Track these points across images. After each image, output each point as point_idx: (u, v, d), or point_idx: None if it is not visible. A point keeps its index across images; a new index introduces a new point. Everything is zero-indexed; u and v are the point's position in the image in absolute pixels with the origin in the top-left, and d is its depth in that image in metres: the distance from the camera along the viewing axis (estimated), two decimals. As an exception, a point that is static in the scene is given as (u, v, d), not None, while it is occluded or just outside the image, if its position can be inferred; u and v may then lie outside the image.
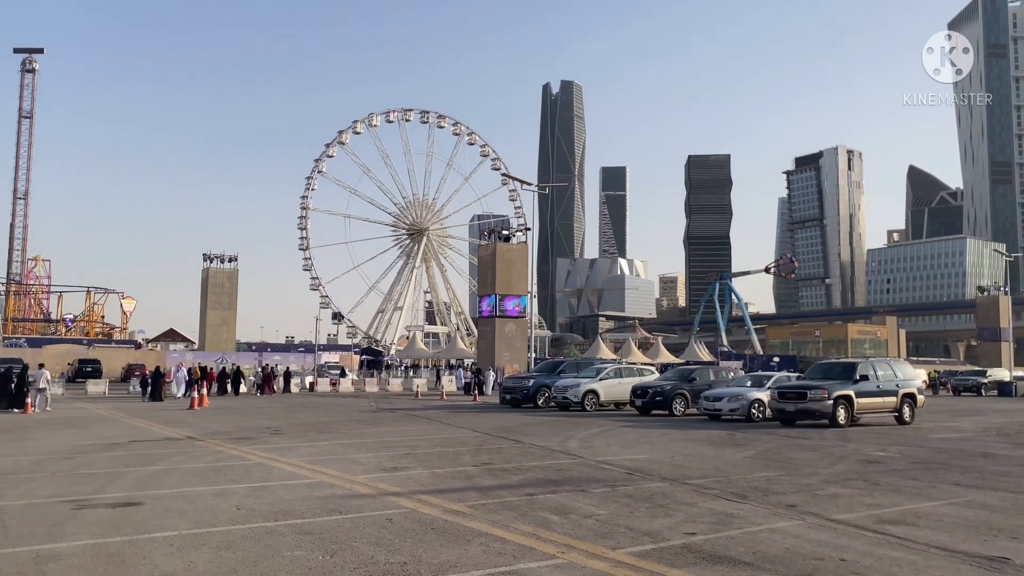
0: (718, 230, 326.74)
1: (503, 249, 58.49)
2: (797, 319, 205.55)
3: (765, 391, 25.08)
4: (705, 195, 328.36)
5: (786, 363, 77.45)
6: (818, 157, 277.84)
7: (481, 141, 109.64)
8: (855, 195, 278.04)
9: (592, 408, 29.91)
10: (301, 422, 24.36)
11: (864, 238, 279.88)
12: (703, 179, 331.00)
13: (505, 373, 48.95)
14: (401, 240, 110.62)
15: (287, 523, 8.71)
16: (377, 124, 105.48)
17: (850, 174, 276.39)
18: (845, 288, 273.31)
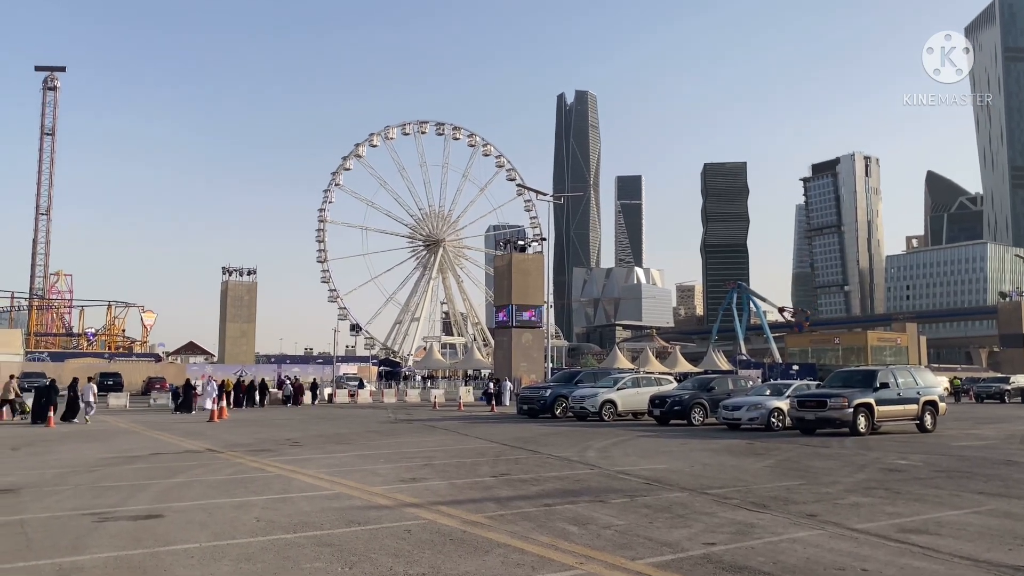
0: (735, 238, 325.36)
1: (519, 259, 58.57)
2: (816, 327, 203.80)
3: (785, 400, 24.89)
4: (722, 203, 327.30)
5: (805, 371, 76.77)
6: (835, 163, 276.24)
7: (496, 152, 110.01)
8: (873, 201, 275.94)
9: (610, 418, 29.80)
10: (320, 434, 24.43)
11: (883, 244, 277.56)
12: (719, 187, 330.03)
13: (522, 383, 48.88)
14: (418, 251, 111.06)
15: (306, 535, 8.74)
16: (394, 136, 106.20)
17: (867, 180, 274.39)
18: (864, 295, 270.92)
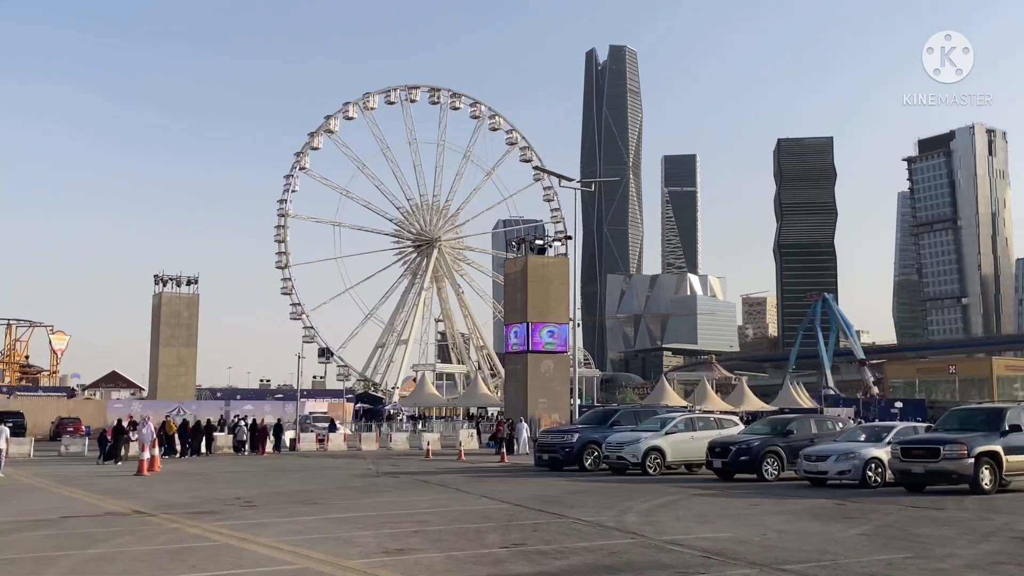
0: (819, 236, 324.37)
1: (537, 264, 58.57)
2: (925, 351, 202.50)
3: (884, 447, 24.69)
4: (801, 190, 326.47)
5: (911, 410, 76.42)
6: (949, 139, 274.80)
7: (507, 125, 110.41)
8: (999, 188, 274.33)
9: (656, 471, 29.66)
10: (279, 491, 24.43)
11: (1012, 244, 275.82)
12: (798, 169, 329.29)
13: (541, 426, 48.79)
14: (406, 254, 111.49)
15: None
16: (375, 107, 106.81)
17: (991, 160, 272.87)
18: (988, 310, 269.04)
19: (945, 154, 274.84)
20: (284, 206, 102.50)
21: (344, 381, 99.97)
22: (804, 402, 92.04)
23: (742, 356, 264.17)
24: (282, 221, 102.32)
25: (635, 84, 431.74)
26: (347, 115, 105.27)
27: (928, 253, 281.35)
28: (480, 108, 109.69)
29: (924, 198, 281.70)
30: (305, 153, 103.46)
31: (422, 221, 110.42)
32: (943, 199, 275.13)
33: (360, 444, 50.86)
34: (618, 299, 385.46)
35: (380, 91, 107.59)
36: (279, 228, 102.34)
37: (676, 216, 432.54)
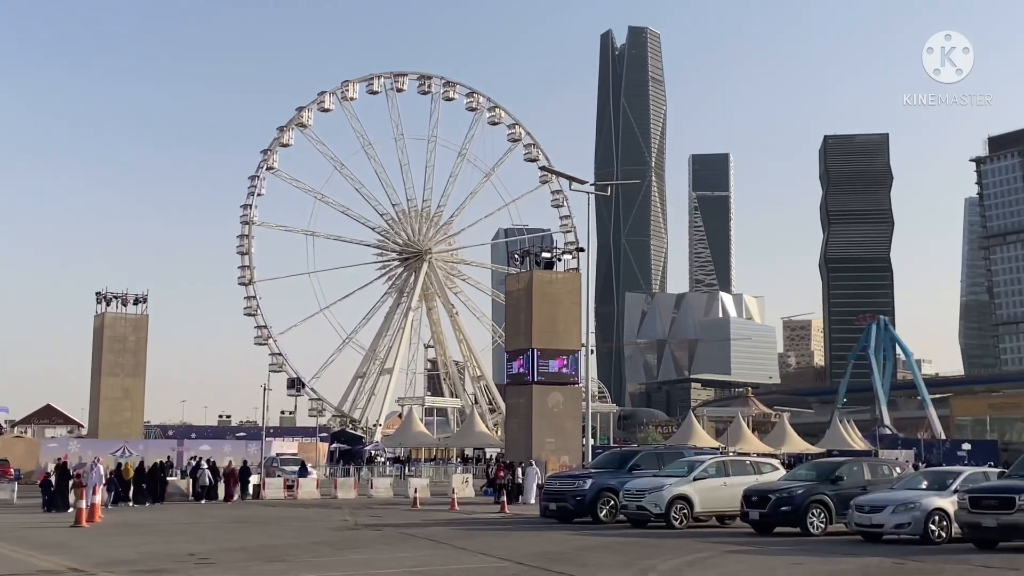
0: (873, 248, 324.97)
1: (543, 280, 58.54)
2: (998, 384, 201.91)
3: (950, 496, 24.59)
4: (852, 196, 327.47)
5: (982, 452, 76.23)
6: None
7: (509, 119, 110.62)
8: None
9: (682, 523, 29.51)
10: (241, 546, 24.33)
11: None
12: (848, 171, 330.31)
13: (548, 470, 48.65)
14: (391, 268, 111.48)
15: None
16: (355, 96, 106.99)
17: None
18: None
19: (1020, 153, 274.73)
20: (248, 212, 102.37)
21: (317, 417, 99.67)
22: (856, 443, 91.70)
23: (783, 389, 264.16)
24: (246, 230, 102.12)
25: (658, 72, 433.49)
26: (323, 106, 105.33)
27: (1001, 269, 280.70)
28: (478, 99, 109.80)
29: (996, 204, 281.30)
30: (273, 151, 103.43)
31: (410, 230, 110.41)
32: (1018, 206, 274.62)
33: (336, 491, 50.57)
34: (638, 322, 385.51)
35: (361, 79, 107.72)
36: (243, 238, 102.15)
37: (706, 225, 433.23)
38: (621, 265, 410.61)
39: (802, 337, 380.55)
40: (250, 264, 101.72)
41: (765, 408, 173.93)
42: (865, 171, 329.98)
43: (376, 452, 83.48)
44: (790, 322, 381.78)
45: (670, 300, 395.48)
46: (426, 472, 68.36)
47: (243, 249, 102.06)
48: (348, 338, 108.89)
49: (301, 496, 48.91)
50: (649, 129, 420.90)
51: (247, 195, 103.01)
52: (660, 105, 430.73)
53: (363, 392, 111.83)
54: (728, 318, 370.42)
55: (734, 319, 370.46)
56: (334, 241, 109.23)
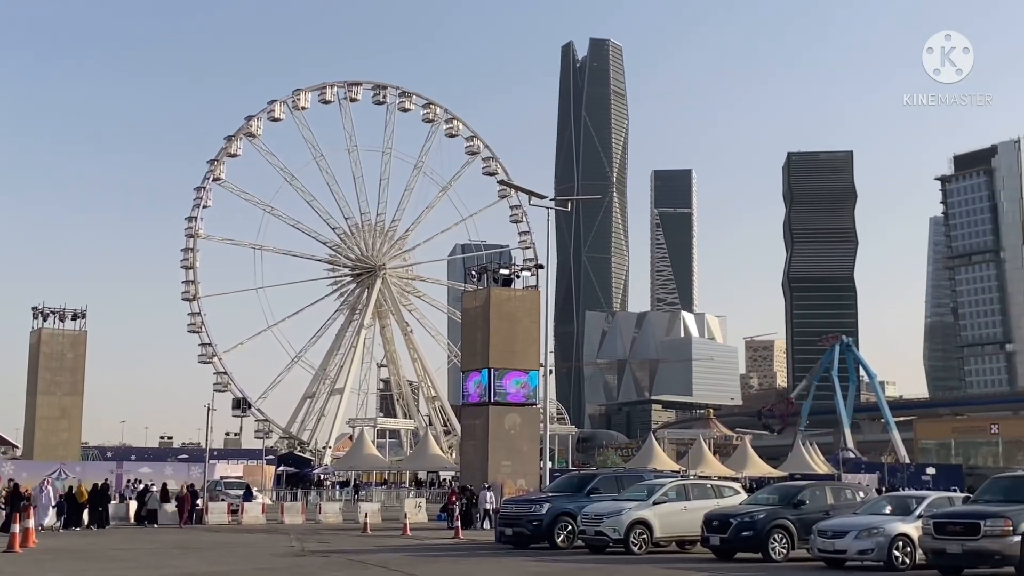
0: (836, 268, 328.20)
1: (501, 298, 58.53)
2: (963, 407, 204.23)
3: (914, 522, 24.83)
4: (816, 214, 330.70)
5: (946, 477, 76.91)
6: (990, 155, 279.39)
7: (467, 131, 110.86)
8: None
9: (642, 549, 29.56)
10: (183, 572, 24.10)
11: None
12: (812, 189, 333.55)
13: (505, 494, 48.57)
14: (343, 284, 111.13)
15: None
16: (306, 106, 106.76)
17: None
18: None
19: (986, 172, 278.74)
20: (194, 225, 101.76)
21: (264, 439, 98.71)
22: (819, 466, 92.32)
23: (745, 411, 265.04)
24: (191, 243, 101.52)
25: (620, 85, 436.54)
26: (273, 115, 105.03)
27: (966, 290, 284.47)
28: (435, 110, 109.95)
29: (961, 224, 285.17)
30: (220, 161, 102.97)
31: (363, 245, 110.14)
32: (983, 226, 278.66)
33: (282, 516, 50.18)
34: (598, 341, 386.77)
35: (313, 88, 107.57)
36: (187, 252, 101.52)
37: (668, 243, 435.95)
38: (581, 283, 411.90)
39: (765, 358, 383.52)
40: (195, 279, 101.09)
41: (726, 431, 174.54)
42: (829, 189, 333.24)
43: (325, 476, 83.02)
44: (752, 342, 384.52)
45: (631, 319, 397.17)
46: (377, 496, 67.99)
47: (187, 263, 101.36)
48: (297, 356, 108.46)
49: (246, 521, 48.44)
50: (611, 143, 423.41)
51: (192, 207, 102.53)
52: (622, 119, 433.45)
53: (312, 413, 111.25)
54: (690, 338, 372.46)
55: (696, 339, 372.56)
56: (283, 255, 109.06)
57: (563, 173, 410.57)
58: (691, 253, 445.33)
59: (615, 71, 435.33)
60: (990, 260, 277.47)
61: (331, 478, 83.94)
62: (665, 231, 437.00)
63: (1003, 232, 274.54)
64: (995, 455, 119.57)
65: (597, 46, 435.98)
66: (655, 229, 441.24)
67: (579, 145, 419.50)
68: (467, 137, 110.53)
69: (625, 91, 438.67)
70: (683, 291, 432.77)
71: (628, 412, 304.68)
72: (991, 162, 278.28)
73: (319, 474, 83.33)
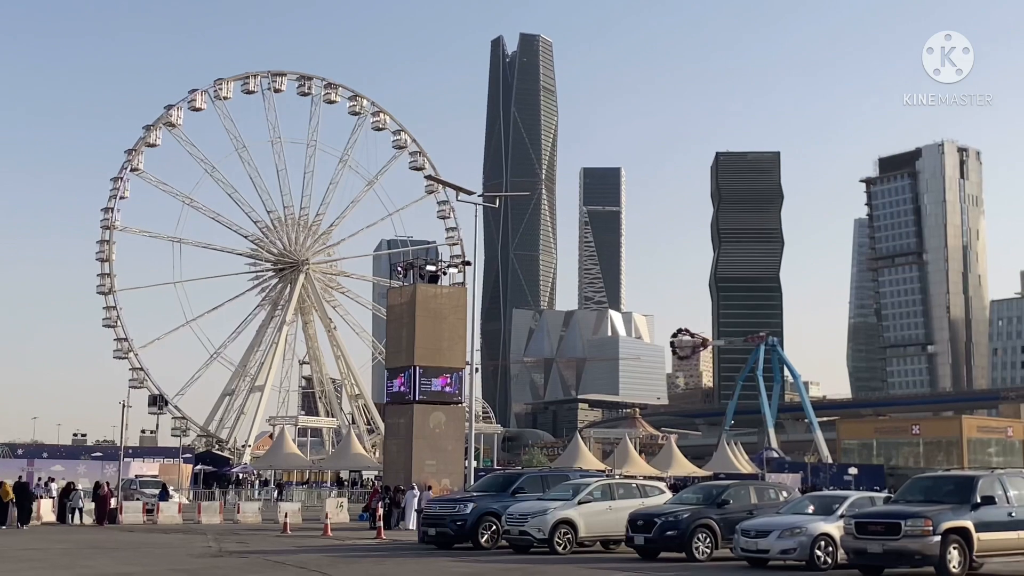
0: (762, 267, 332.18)
1: (427, 295, 58.39)
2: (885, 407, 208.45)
3: (836, 521, 25.25)
4: (743, 214, 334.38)
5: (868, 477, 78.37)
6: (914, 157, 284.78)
7: (394, 125, 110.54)
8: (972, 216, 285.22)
9: (566, 548, 29.72)
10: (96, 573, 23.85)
11: (986, 282, 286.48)
12: (740, 189, 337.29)
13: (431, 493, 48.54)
14: (264, 279, 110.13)
15: None
16: (229, 96, 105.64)
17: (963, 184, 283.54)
18: (957, 360, 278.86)
19: (910, 175, 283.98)
20: (110, 216, 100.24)
21: (181, 437, 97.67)
22: (743, 466, 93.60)
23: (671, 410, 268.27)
24: (107, 235, 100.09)
25: (550, 82, 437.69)
26: (194, 105, 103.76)
27: (889, 292, 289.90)
28: (361, 103, 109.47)
29: (885, 226, 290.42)
30: (139, 151, 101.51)
31: (286, 239, 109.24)
32: (907, 228, 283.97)
33: (199, 515, 49.68)
34: (525, 340, 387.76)
35: (236, 77, 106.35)
36: (103, 244, 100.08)
37: (596, 241, 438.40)
38: (509, 280, 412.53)
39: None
40: (111, 272, 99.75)
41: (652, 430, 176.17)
42: (755, 189, 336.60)
43: (244, 475, 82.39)
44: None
45: (558, 317, 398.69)
46: (298, 496, 67.56)
47: (103, 256, 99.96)
48: (216, 353, 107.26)
49: (162, 521, 47.91)
50: (540, 140, 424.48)
51: (109, 198, 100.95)
52: (551, 116, 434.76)
53: (232, 411, 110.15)
54: (617, 337, 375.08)
55: (623, 338, 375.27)
56: (203, 249, 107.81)
57: (492, 169, 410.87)
58: (619, 252, 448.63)
59: (545, 67, 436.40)
60: (913, 262, 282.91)
61: (251, 477, 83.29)
62: (594, 229, 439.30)
63: (926, 234, 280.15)
64: (916, 455, 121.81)
65: (527, 41, 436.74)
66: (584, 227, 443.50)
67: (508, 141, 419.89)
68: (394, 131, 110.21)
69: (555, 87, 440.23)
70: (611, 290, 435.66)
71: (554, 411, 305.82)
72: (915, 165, 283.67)
73: (238, 473, 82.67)
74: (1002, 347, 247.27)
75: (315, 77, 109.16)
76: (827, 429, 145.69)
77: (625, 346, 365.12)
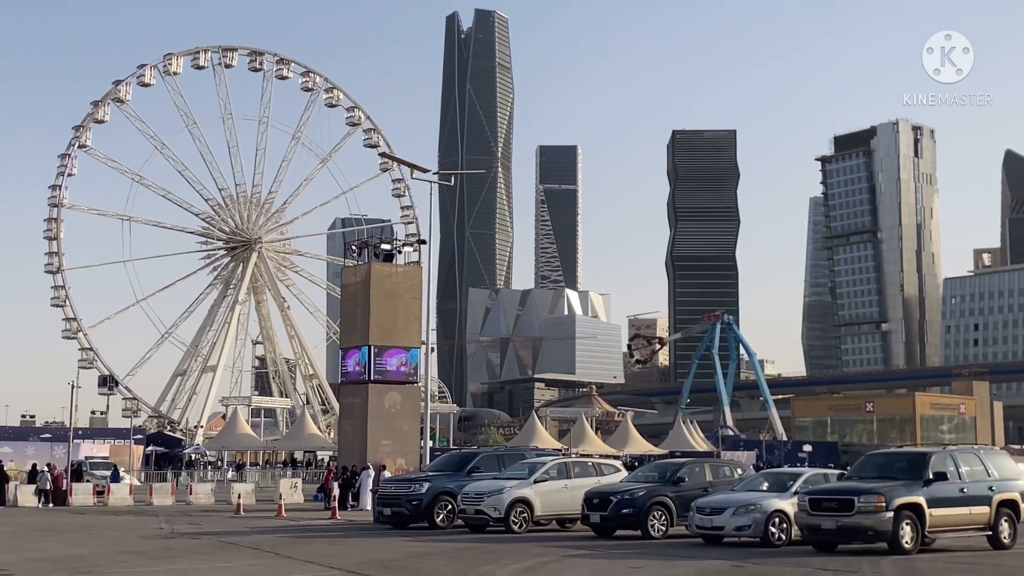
0: (719, 247, 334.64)
1: (382, 274, 58.23)
2: (839, 385, 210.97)
3: (790, 498, 25.54)
4: (699, 193, 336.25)
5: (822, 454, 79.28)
6: (869, 136, 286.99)
7: (348, 102, 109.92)
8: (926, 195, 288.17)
9: (522, 527, 29.87)
10: (44, 556, 23.59)
11: (940, 260, 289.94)
12: (696, 168, 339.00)
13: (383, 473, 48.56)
14: (216, 258, 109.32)
15: None
16: (178, 71, 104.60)
17: (918, 163, 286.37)
18: (911, 338, 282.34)
19: (865, 154, 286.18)
20: (58, 194, 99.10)
21: (132, 418, 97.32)
22: (698, 444, 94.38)
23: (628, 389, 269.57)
24: (54, 213, 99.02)
25: (505, 59, 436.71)
26: (142, 80, 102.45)
27: (844, 270, 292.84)
28: (314, 79, 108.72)
29: (840, 205, 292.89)
30: (87, 127, 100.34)
31: (238, 217, 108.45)
32: (861, 207, 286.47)
33: (151, 497, 49.45)
34: (481, 319, 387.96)
35: (186, 52, 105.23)
36: (50, 222, 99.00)
37: (553, 220, 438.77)
38: (465, 259, 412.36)
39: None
40: (59, 250, 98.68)
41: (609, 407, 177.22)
42: (712, 168, 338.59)
43: (196, 456, 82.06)
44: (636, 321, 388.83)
45: (515, 297, 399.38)
46: (251, 477, 67.39)
47: (51, 234, 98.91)
48: (168, 333, 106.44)
49: (112, 503, 47.72)
50: (496, 118, 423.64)
51: (56, 175, 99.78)
52: (507, 93, 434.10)
53: (183, 391, 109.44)
54: (573, 316, 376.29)
55: (579, 317, 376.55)
56: (153, 227, 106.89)
57: (447, 147, 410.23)
58: (576, 231, 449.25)
59: (501, 43, 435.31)
60: (867, 240, 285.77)
61: (203, 458, 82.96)
62: (550, 208, 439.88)
63: (880, 213, 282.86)
64: (870, 432, 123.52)
65: (482, 17, 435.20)
66: (540, 206, 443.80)
67: (464, 118, 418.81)
68: (348, 108, 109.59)
69: (511, 64, 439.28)
70: (567, 269, 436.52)
71: (511, 390, 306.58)
72: (870, 143, 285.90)
73: (190, 454, 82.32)
74: (955, 325, 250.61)
75: (267, 52, 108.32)
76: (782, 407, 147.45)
77: (581, 325, 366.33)
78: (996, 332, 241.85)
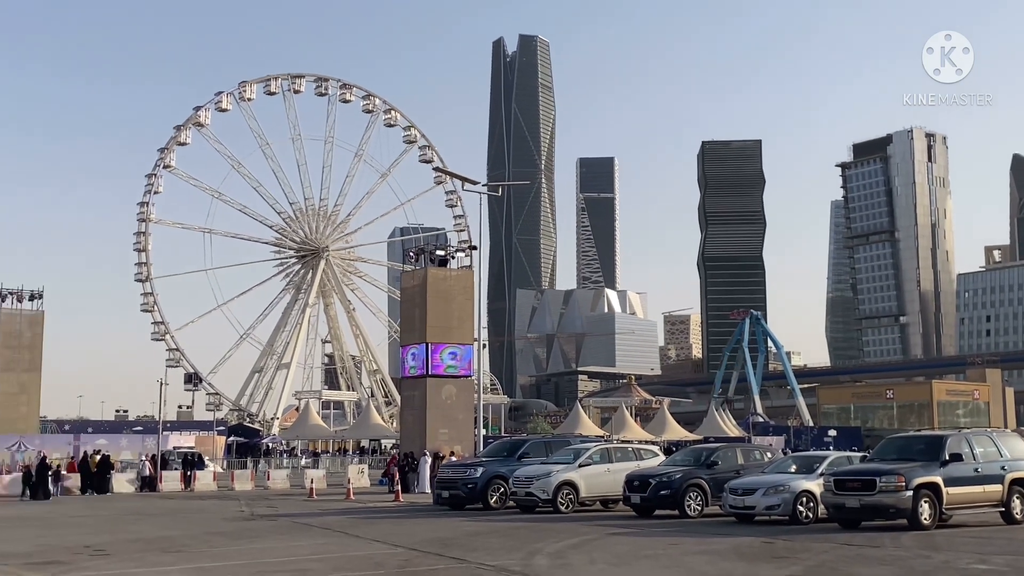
0: (747, 248, 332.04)
1: (437, 277, 58.41)
2: (861, 374, 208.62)
3: (817, 479, 25.32)
4: (728, 198, 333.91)
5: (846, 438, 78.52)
6: (886, 143, 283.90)
7: (405, 121, 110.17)
8: (939, 197, 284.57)
9: (569, 508, 29.84)
10: (138, 537, 23.81)
11: (953, 257, 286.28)
12: (724, 175, 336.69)
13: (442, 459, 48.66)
14: (288, 265, 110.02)
15: None
16: (252, 97, 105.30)
17: (931, 167, 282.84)
18: (928, 330, 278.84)
19: (882, 160, 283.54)
20: (145, 210, 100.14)
21: (215, 411, 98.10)
22: (731, 430, 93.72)
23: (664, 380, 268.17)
24: (143, 227, 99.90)
25: (547, 79, 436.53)
26: (220, 106, 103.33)
27: (864, 268, 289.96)
28: (374, 101, 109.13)
29: (859, 207, 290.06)
30: (171, 149, 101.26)
31: (307, 228, 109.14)
32: (879, 208, 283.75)
33: (233, 483, 49.87)
34: (528, 317, 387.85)
35: (259, 80, 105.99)
36: (139, 235, 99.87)
37: (592, 225, 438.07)
38: (512, 263, 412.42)
39: (682, 331, 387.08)
40: (147, 261, 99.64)
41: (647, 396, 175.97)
42: (739, 175, 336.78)
43: (273, 445, 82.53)
44: (670, 317, 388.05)
45: (559, 296, 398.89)
46: (323, 464, 67.72)
47: (140, 246, 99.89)
48: (245, 334, 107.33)
49: (198, 488, 48.16)
50: (539, 133, 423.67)
51: (144, 192, 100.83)
52: (549, 110, 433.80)
53: (260, 386, 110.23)
54: (613, 313, 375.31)
55: (619, 314, 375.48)
56: (231, 238, 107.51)
57: (495, 160, 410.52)
58: (614, 235, 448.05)
59: (543, 65, 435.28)
60: (885, 240, 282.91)
61: (279, 447, 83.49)
62: (590, 214, 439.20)
63: (897, 214, 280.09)
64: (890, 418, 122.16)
65: (526, 42, 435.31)
66: (580, 213, 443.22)
67: (510, 134, 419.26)
68: (404, 127, 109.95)
69: (552, 84, 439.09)
70: (607, 270, 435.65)
71: (556, 382, 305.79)
72: (887, 150, 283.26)
73: (267, 443, 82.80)
74: (968, 317, 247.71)
75: (331, 78, 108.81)
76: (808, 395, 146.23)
77: (621, 321, 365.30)
78: (1007, 323, 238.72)
